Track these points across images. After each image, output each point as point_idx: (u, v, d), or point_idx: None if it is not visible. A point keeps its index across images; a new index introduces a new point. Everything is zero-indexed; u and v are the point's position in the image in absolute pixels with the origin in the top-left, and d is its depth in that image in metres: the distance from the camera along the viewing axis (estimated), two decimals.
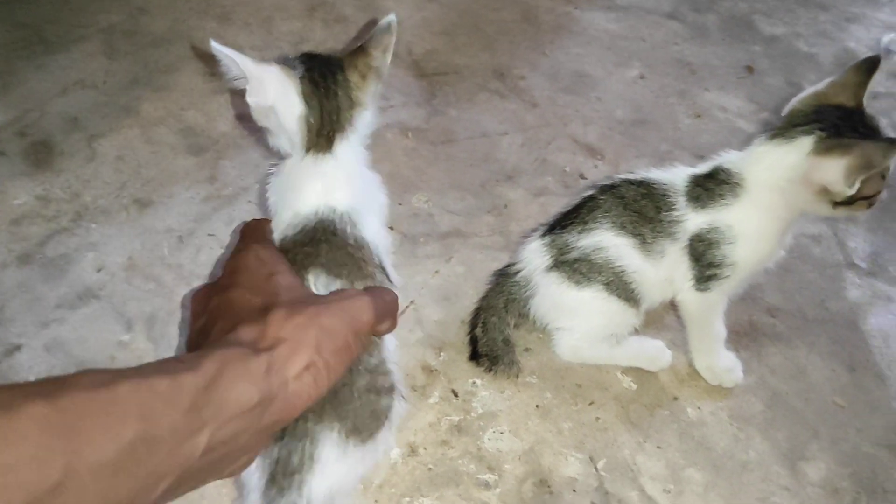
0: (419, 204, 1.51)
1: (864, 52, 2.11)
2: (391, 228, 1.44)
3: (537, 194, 1.56)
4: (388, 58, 0.96)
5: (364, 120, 0.96)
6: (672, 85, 1.89)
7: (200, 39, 1.84)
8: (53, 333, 1.22)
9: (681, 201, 1.18)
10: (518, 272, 1.26)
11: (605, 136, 1.71)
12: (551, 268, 1.23)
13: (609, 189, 1.23)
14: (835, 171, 1.04)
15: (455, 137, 1.66)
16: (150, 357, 1.21)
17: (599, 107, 1.79)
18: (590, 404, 1.23)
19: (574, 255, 1.21)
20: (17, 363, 1.18)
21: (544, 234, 1.26)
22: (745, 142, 1.20)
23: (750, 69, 2.00)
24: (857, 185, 1.04)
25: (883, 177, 1.06)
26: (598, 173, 1.60)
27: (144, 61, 1.77)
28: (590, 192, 1.24)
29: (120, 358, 1.20)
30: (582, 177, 1.60)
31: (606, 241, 1.19)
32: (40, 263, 1.31)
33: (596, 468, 1.15)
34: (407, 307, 1.33)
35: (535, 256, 1.25)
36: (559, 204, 1.44)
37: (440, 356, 1.27)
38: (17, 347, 1.20)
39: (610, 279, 1.20)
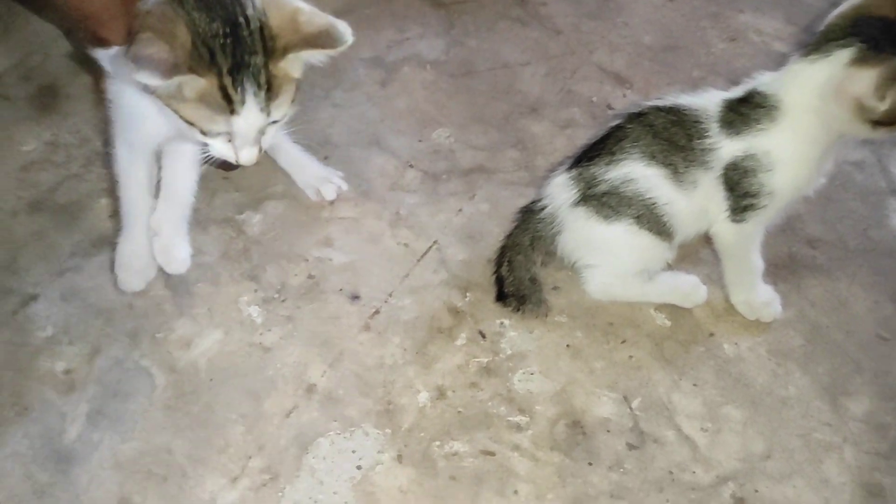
0: (440, 140, 1.45)
1: None
2: (411, 166, 1.39)
3: (563, 126, 1.49)
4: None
5: None
6: (703, 7, 1.79)
7: None
8: (69, 282, 1.19)
9: (714, 128, 1.12)
10: (544, 208, 1.21)
11: (634, 63, 1.63)
12: (578, 202, 1.18)
13: (637, 117, 1.17)
14: (866, 83, 1.00)
15: (475, 69, 1.59)
16: (168, 305, 1.18)
17: (626, 32, 1.70)
18: (622, 342, 1.19)
19: (602, 188, 1.16)
20: (33, 313, 1.16)
21: (570, 168, 1.21)
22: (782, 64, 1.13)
23: None
24: (889, 100, 0.99)
25: None
26: (627, 103, 1.52)
27: None
28: (617, 122, 1.19)
29: (138, 306, 1.17)
30: (609, 107, 1.53)
31: (636, 172, 1.14)
32: (52, 211, 1.28)
33: (630, 408, 1.12)
34: (430, 247, 1.28)
35: (561, 191, 1.20)
36: (587, 136, 1.37)
37: (466, 297, 1.23)
38: (34, 297, 1.17)
39: (641, 212, 1.15)
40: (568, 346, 1.18)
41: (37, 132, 1.39)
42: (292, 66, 0.88)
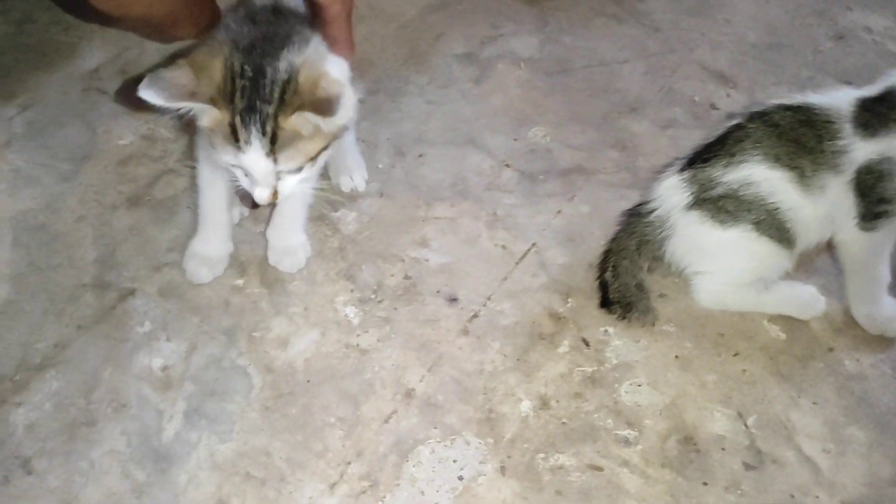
0: (536, 139, 1.40)
1: None
2: (507, 165, 1.35)
3: (665, 126, 1.43)
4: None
5: None
6: (809, 3, 1.71)
7: None
8: (167, 278, 1.18)
9: (847, 128, 1.05)
10: (652, 211, 1.16)
11: (737, 61, 1.56)
12: (692, 206, 1.12)
13: (760, 116, 1.11)
14: None
15: (571, 66, 1.54)
16: (264, 302, 1.16)
17: (728, 30, 1.63)
18: (734, 355, 1.13)
19: (719, 191, 1.10)
20: (131, 308, 1.15)
21: (683, 169, 1.14)
22: None
23: None
24: None
25: None
26: (732, 103, 1.46)
27: None
28: (737, 121, 1.12)
29: (234, 303, 1.15)
30: (713, 107, 1.47)
31: (757, 174, 1.08)
32: (150, 205, 1.27)
33: (746, 425, 1.05)
34: (529, 250, 1.23)
35: (672, 193, 1.14)
36: (690, 137, 1.32)
37: (567, 302, 1.18)
38: (131, 292, 1.16)
39: (761, 218, 1.08)
40: (676, 357, 1.12)
41: (134, 126, 1.38)
42: (300, 123, 0.93)
